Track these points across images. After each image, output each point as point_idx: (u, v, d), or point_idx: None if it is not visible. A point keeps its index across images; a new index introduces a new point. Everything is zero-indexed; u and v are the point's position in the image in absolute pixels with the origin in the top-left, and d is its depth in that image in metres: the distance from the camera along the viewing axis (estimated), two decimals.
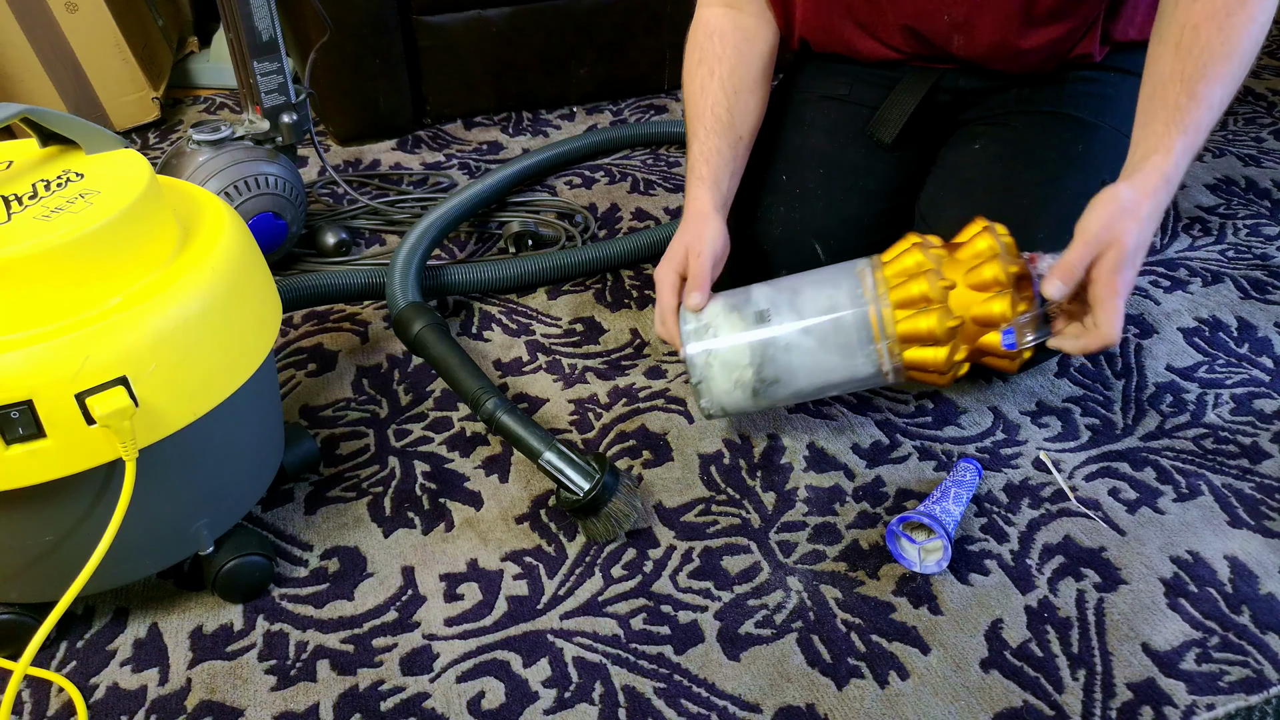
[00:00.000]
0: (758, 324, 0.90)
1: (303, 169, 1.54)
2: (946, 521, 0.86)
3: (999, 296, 0.84)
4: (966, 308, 0.85)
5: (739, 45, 1.04)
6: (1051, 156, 1.00)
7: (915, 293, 0.85)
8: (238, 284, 0.75)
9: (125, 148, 0.77)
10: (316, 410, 1.06)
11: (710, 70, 1.03)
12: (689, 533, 0.91)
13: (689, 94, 1.05)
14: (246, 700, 0.77)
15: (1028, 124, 1.03)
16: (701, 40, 1.05)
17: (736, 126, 1.02)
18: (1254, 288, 1.24)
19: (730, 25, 1.05)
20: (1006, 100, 1.06)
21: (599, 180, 1.51)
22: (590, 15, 1.67)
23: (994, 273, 0.83)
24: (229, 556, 0.81)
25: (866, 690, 0.77)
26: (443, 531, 0.91)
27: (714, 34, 1.04)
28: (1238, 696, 0.76)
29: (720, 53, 1.04)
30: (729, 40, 1.04)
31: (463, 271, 1.21)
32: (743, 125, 1.03)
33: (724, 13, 1.05)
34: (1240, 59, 0.81)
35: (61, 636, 0.82)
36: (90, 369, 0.65)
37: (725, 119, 1.02)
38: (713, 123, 1.02)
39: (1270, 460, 0.98)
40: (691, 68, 1.05)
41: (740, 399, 0.91)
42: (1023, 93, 1.05)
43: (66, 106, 1.60)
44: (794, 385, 0.91)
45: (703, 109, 1.02)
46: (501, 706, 0.76)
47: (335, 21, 1.39)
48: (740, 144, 1.03)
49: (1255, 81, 1.81)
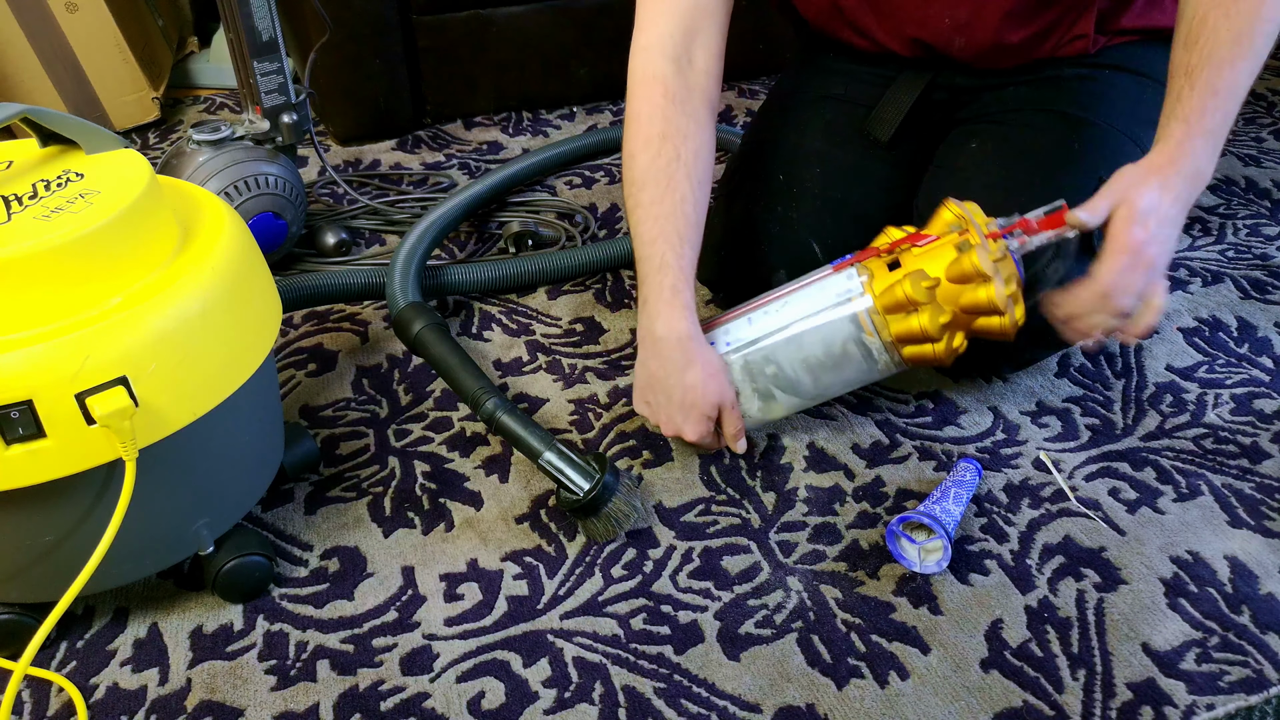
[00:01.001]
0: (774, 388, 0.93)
1: (303, 169, 1.54)
2: (946, 521, 0.86)
3: (982, 284, 0.84)
4: (954, 300, 0.86)
5: (701, 119, 0.93)
6: (1048, 154, 1.00)
7: (900, 297, 0.86)
8: (238, 284, 0.75)
9: (125, 148, 0.77)
10: (316, 410, 1.06)
11: (676, 153, 0.91)
12: (689, 533, 0.91)
13: (649, 172, 0.91)
14: (246, 700, 0.77)
15: (1024, 122, 1.03)
16: (660, 104, 0.92)
17: (699, 228, 0.93)
18: (1254, 288, 1.24)
19: (686, 90, 0.93)
20: (1003, 98, 1.06)
21: (599, 180, 1.51)
22: (590, 15, 1.67)
23: (972, 264, 0.84)
24: (229, 556, 0.81)
25: (866, 690, 0.77)
26: (443, 531, 0.91)
27: (675, 101, 0.92)
28: (1238, 696, 0.76)
29: (686, 130, 0.92)
30: (690, 111, 0.93)
31: (463, 271, 1.21)
32: (700, 224, 0.93)
33: (674, 69, 0.93)
34: (1252, 43, 0.81)
35: (61, 636, 0.82)
36: (90, 369, 0.65)
37: (694, 221, 0.92)
38: (685, 228, 0.91)
39: (1270, 460, 0.98)
40: (652, 139, 0.92)
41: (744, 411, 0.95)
42: (1019, 90, 1.05)
43: (66, 106, 1.60)
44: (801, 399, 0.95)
45: (671, 206, 0.90)
46: (501, 706, 0.76)
47: (335, 21, 1.39)
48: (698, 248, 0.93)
49: (1255, 81, 1.81)
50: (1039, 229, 0.85)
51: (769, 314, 0.92)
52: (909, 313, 0.87)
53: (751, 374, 0.92)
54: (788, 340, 0.91)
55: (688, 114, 0.93)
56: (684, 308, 0.90)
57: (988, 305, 0.85)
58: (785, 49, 1.21)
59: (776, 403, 0.94)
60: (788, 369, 0.92)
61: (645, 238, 0.91)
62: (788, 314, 0.91)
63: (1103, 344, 0.85)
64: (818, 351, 0.90)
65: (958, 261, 0.85)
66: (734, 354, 0.92)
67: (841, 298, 0.89)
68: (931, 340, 0.87)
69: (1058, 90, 1.04)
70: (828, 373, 0.92)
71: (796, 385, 0.93)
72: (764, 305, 0.93)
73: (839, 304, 0.89)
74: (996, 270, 0.84)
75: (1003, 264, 0.84)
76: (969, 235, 0.85)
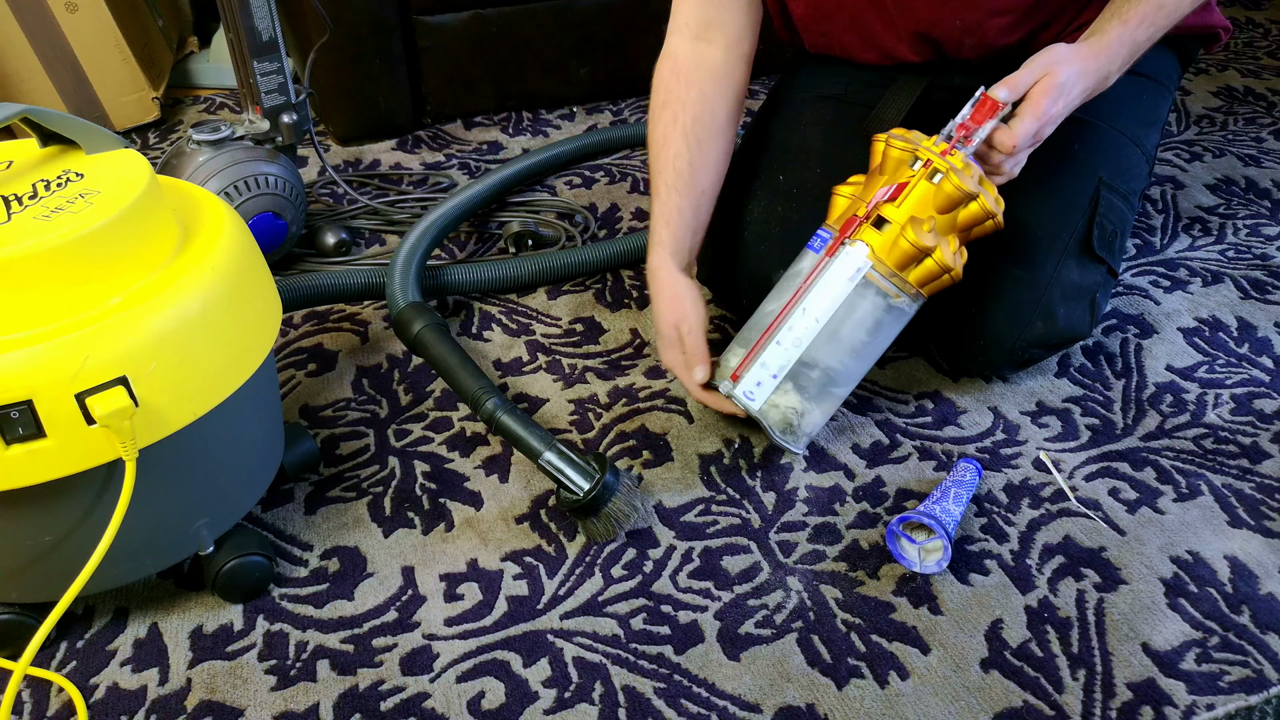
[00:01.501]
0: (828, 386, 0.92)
1: (303, 169, 1.54)
2: (946, 521, 0.86)
3: (971, 200, 0.87)
4: (950, 226, 0.89)
5: (705, 89, 1.02)
6: (1048, 155, 1.00)
7: (909, 249, 0.88)
8: (238, 284, 0.75)
9: (125, 148, 0.77)
10: (316, 410, 1.06)
11: (674, 116, 1.01)
12: (689, 533, 0.91)
13: (652, 140, 1.03)
14: (246, 700, 0.77)
15: None
16: (667, 79, 1.02)
17: (698, 180, 1.01)
18: (1254, 288, 1.24)
19: (695, 64, 1.02)
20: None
21: (599, 180, 1.51)
22: (590, 15, 1.66)
23: (956, 187, 0.87)
24: (229, 556, 0.81)
25: (866, 690, 0.77)
26: (443, 531, 0.91)
27: (680, 74, 1.02)
28: (1238, 696, 0.76)
29: (685, 97, 1.01)
30: (694, 82, 1.02)
31: (463, 271, 1.21)
32: (704, 178, 1.02)
33: (691, 48, 1.03)
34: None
35: (61, 636, 0.82)
36: (90, 369, 0.65)
37: (686, 174, 1.00)
38: (674, 178, 1.00)
39: (1270, 460, 0.98)
40: (656, 110, 1.03)
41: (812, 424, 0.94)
42: None
43: (66, 106, 1.60)
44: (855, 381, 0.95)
45: (664, 162, 1.01)
46: (501, 706, 0.76)
47: (335, 21, 1.39)
48: (703, 198, 1.02)
49: (1255, 81, 1.81)
50: (977, 124, 0.88)
51: (793, 329, 0.90)
52: (922, 259, 0.88)
53: (803, 387, 0.91)
54: (825, 341, 0.90)
55: (690, 85, 1.01)
56: (659, 245, 1.00)
57: (983, 215, 0.89)
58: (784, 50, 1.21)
59: (832, 398, 0.93)
60: (835, 364, 0.91)
61: (651, 193, 1.03)
62: (811, 319, 0.90)
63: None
64: (859, 335, 0.90)
65: (940, 190, 0.87)
66: (782, 382, 0.91)
67: (854, 278, 0.89)
68: (948, 271, 0.90)
69: None
70: (869, 347, 0.92)
71: (848, 373, 0.92)
72: (784, 320, 0.91)
73: (857, 285, 0.89)
74: (974, 181, 0.87)
75: (971, 172, 0.87)
76: (933, 163, 0.87)
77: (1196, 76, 1.83)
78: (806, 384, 0.91)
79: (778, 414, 0.91)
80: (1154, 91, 1.07)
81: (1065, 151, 1.00)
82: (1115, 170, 1.01)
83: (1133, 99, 1.03)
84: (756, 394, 0.91)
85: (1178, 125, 1.65)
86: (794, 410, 0.92)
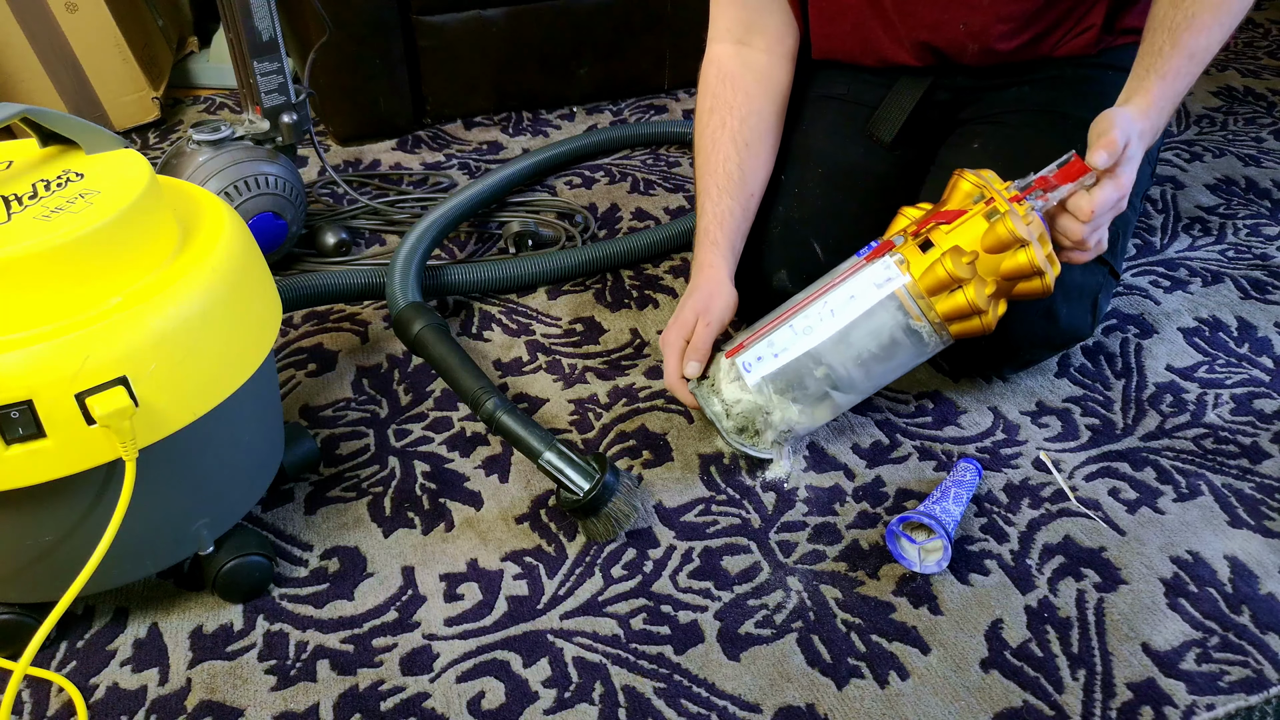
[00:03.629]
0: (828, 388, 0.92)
1: (303, 169, 1.54)
2: (946, 521, 0.86)
3: (1021, 249, 0.85)
4: (994, 269, 0.86)
5: (750, 90, 1.04)
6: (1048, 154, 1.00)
7: (943, 275, 0.86)
8: (238, 284, 0.75)
9: (125, 148, 0.77)
10: (316, 410, 1.06)
11: (722, 121, 1.03)
12: (689, 533, 0.91)
13: (701, 143, 1.05)
14: (246, 700, 0.77)
15: (1025, 122, 1.04)
16: (714, 84, 1.05)
17: (748, 183, 1.03)
18: (1254, 288, 1.24)
19: (740, 66, 1.04)
20: (1005, 98, 1.06)
21: (599, 180, 1.51)
22: (590, 15, 1.66)
23: (1009, 231, 0.84)
24: (229, 556, 0.81)
25: (866, 690, 0.77)
26: (443, 531, 0.91)
27: (726, 78, 1.04)
28: (1238, 696, 0.76)
29: (732, 101, 1.04)
30: (740, 85, 1.04)
31: (463, 271, 1.21)
32: (753, 181, 1.04)
33: (734, 51, 1.05)
34: (1229, 11, 0.87)
35: (61, 636, 0.82)
36: (90, 369, 0.65)
37: (736, 176, 1.02)
38: (725, 181, 1.02)
39: (1270, 460, 0.98)
40: (704, 115, 1.05)
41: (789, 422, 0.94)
42: (1021, 90, 1.05)
43: (66, 106, 1.60)
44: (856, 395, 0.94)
45: (715, 164, 1.03)
46: (501, 706, 0.76)
47: (335, 21, 1.39)
48: (751, 201, 1.04)
49: (1255, 81, 1.81)
50: (1056, 183, 0.86)
51: (809, 317, 0.90)
52: (953, 290, 0.87)
53: (801, 379, 0.91)
54: (835, 339, 0.89)
55: (737, 89, 1.04)
56: (714, 244, 1.01)
57: (1029, 268, 0.85)
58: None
59: (829, 403, 0.93)
60: (839, 368, 0.90)
61: (697, 195, 1.05)
62: (828, 312, 0.90)
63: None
64: (869, 345, 0.89)
65: (993, 230, 0.85)
66: (781, 364, 0.91)
67: (882, 288, 0.88)
68: (979, 313, 0.88)
69: (1059, 90, 1.04)
70: (879, 363, 0.91)
71: (851, 382, 0.91)
72: (802, 309, 0.91)
73: (881, 295, 0.88)
74: (1030, 232, 0.85)
75: (1033, 225, 0.85)
76: (995, 203, 0.85)
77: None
78: (808, 379, 0.91)
79: (750, 405, 0.91)
80: None
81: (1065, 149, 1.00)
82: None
83: None
84: (755, 368, 0.91)
85: (1178, 125, 1.65)
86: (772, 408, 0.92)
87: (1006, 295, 0.89)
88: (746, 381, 0.91)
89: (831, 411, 0.94)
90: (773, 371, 0.91)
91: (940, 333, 0.89)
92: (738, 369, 0.92)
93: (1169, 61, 0.87)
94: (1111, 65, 1.04)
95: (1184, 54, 0.87)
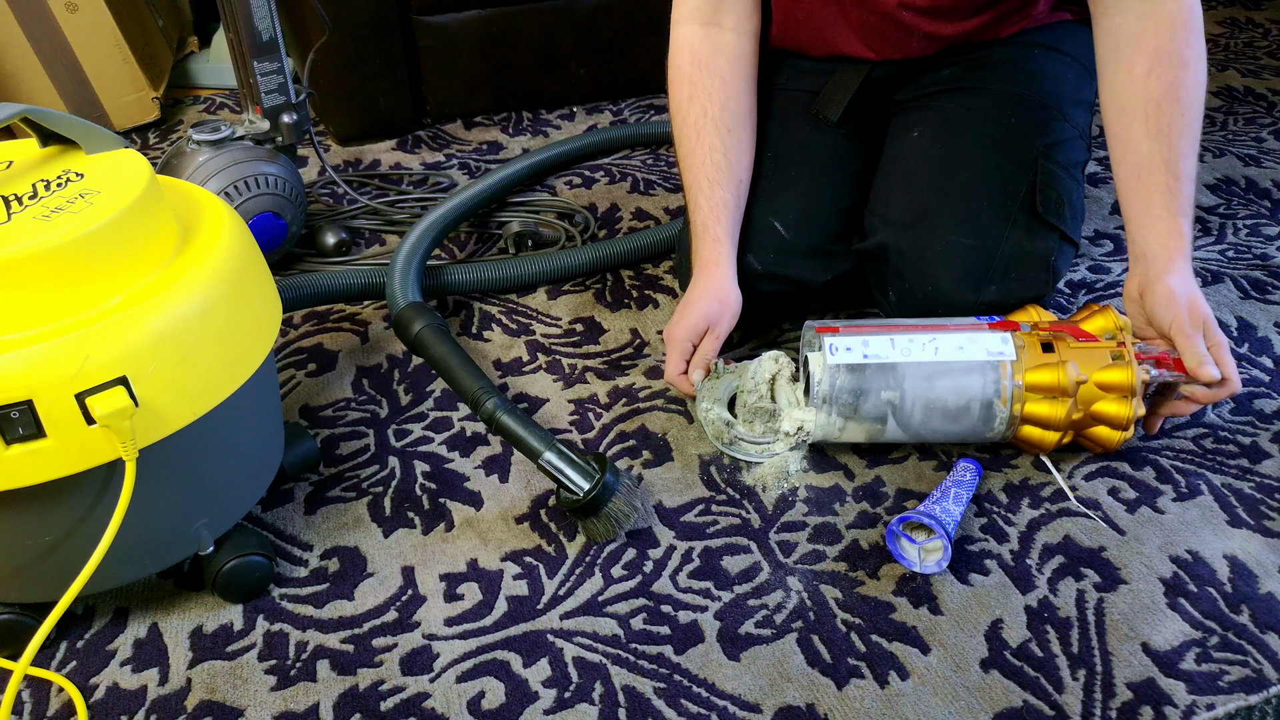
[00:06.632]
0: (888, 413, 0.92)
1: (303, 169, 1.54)
2: (946, 521, 0.86)
3: (1125, 399, 0.89)
4: (1089, 402, 0.90)
5: (725, 75, 1.03)
6: (986, 131, 1.04)
7: (1050, 380, 0.89)
8: (238, 284, 0.75)
9: (125, 148, 0.77)
10: (316, 410, 1.06)
11: (703, 109, 1.02)
12: (689, 533, 0.91)
13: (682, 132, 1.04)
14: (246, 700, 0.77)
15: (960, 102, 1.07)
16: (688, 70, 1.03)
17: (735, 170, 1.03)
18: (1254, 288, 1.24)
19: (712, 50, 1.03)
20: (938, 79, 1.09)
21: (599, 180, 1.51)
22: (590, 15, 1.67)
23: (1129, 379, 0.88)
24: (229, 556, 0.81)
25: (866, 690, 0.77)
26: (443, 531, 0.91)
27: (700, 63, 1.03)
28: (1238, 696, 0.76)
29: (710, 87, 1.02)
30: (715, 70, 1.03)
31: (463, 271, 1.21)
32: (740, 167, 1.04)
33: (704, 34, 1.04)
34: (1198, 117, 0.92)
35: (61, 636, 0.82)
36: (90, 369, 0.65)
37: (724, 165, 1.02)
38: (714, 172, 1.02)
39: (1270, 460, 0.98)
40: (682, 104, 1.04)
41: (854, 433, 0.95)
42: (954, 70, 1.09)
43: (66, 106, 1.60)
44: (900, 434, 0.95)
45: (701, 155, 1.02)
46: (501, 706, 0.76)
47: (335, 21, 1.39)
48: (741, 187, 1.04)
49: (1255, 81, 1.81)
50: (1173, 368, 0.89)
51: (912, 341, 0.91)
52: (1048, 398, 0.90)
53: (868, 389, 0.91)
54: (925, 372, 0.90)
55: (713, 73, 1.03)
56: (715, 240, 1.01)
57: (1119, 419, 0.90)
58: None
59: (867, 426, 0.93)
60: (909, 400, 0.91)
61: (686, 186, 1.04)
62: (933, 349, 0.91)
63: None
64: (946, 397, 0.90)
65: (1116, 370, 0.88)
66: (865, 362, 0.91)
67: (992, 358, 0.90)
68: (1053, 429, 0.91)
69: (991, 70, 1.07)
70: (938, 419, 0.92)
71: (907, 419, 0.92)
72: (910, 332, 0.92)
73: (986, 363, 0.90)
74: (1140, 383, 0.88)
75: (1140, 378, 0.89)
76: (1125, 350, 0.89)
77: None
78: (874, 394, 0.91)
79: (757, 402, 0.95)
80: (1076, 70, 1.10)
81: (1001, 125, 1.04)
82: (1052, 142, 1.04)
83: (1058, 77, 1.07)
84: (838, 355, 0.91)
85: None
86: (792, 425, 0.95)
87: (1078, 430, 0.92)
88: (825, 359, 0.91)
89: (859, 435, 0.94)
90: (853, 364, 0.91)
91: (1009, 426, 0.92)
92: (824, 345, 0.92)
93: (1180, 197, 0.89)
94: (1036, 43, 1.07)
95: (1187, 181, 0.89)
